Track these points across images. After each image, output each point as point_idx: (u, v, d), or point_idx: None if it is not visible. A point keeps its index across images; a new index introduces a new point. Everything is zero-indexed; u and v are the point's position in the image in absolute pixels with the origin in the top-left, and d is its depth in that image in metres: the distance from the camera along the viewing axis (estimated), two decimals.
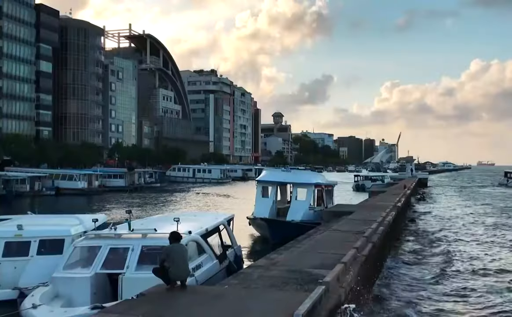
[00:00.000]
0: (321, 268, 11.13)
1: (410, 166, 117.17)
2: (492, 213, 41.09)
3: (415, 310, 12.84)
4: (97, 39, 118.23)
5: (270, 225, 24.00)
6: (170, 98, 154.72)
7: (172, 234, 9.40)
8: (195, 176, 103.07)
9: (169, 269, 8.79)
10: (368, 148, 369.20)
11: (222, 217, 15.31)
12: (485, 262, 19.74)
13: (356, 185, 77.41)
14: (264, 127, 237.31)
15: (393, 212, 24.90)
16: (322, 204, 27.48)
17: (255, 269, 11.38)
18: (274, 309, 7.64)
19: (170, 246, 9.14)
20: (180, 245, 9.34)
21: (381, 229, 18.05)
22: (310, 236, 17.77)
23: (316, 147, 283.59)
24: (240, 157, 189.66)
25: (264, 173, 30.47)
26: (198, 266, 11.55)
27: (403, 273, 17.26)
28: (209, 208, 45.35)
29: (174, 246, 9.13)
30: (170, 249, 9.07)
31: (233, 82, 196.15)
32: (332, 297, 8.55)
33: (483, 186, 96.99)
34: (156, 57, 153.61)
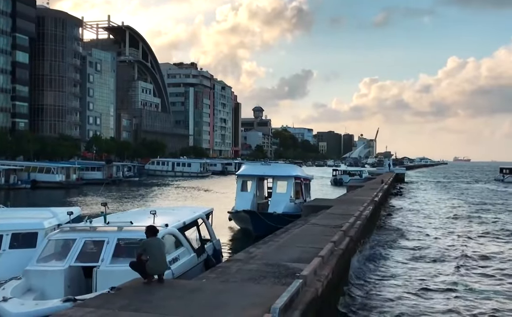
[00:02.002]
0: (299, 261, 11.14)
1: (388, 161, 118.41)
2: (465, 207, 41.81)
3: (387, 303, 12.98)
4: (75, 30, 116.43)
5: (253, 217, 24.10)
6: (149, 91, 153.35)
7: (148, 228, 9.30)
8: (174, 169, 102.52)
9: (146, 263, 8.70)
10: (347, 143, 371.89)
11: (201, 210, 15.21)
12: (454, 252, 20.14)
13: (334, 179, 77.95)
14: (244, 121, 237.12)
15: (370, 206, 25.13)
16: (301, 197, 28.05)
17: (234, 263, 11.34)
18: (251, 303, 7.61)
19: (147, 240, 9.04)
20: (157, 238, 9.26)
21: (359, 223, 18.19)
22: (288, 230, 17.83)
23: (296, 142, 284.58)
24: (220, 151, 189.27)
25: (244, 167, 30.61)
26: (175, 259, 11.45)
27: (377, 266, 17.43)
28: (188, 202, 45.11)
29: (151, 240, 9.04)
30: (147, 242, 8.97)
31: (213, 76, 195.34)
32: (309, 290, 8.55)
33: (468, 182, 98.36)
34: (135, 49, 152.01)
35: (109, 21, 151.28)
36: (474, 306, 13.00)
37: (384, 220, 31.82)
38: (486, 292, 14.49)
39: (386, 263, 18.06)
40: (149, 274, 8.76)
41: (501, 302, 13.43)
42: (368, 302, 12.97)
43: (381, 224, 29.54)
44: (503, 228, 28.93)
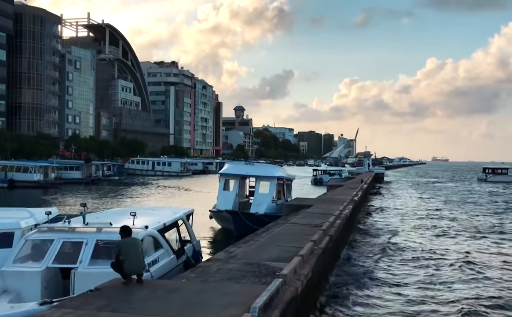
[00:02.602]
0: (279, 261, 11.19)
1: (367, 160, 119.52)
2: (445, 206, 42.45)
3: (367, 300, 13.11)
4: (54, 28, 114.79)
5: (235, 217, 24.05)
6: (129, 90, 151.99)
7: (122, 228, 9.26)
8: (155, 168, 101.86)
9: (123, 263, 8.66)
10: (327, 143, 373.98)
11: (181, 211, 15.10)
12: (432, 251, 20.41)
13: (314, 179, 78.36)
14: (226, 120, 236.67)
15: (350, 205, 25.32)
16: (282, 197, 28.10)
17: (214, 263, 11.33)
18: (231, 302, 7.62)
19: (121, 240, 8.99)
20: (133, 238, 9.18)
21: (338, 222, 18.33)
22: (269, 229, 17.86)
23: (277, 141, 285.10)
24: (201, 150, 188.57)
25: (226, 166, 30.47)
26: (154, 261, 11.35)
27: (359, 264, 17.58)
28: (169, 202, 44.87)
29: (126, 240, 8.98)
30: (121, 243, 8.93)
31: (194, 75, 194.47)
32: (289, 289, 8.60)
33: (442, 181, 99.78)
34: (116, 48, 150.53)
35: (89, 19, 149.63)
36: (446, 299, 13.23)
37: (364, 219, 32.13)
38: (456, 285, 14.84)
39: (366, 263, 18.23)
40: (126, 274, 8.71)
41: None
42: (348, 301, 13.07)
43: (361, 222, 29.82)
44: (476, 226, 29.60)
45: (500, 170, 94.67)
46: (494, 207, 43.24)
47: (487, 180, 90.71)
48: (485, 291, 14.48)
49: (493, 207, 42.72)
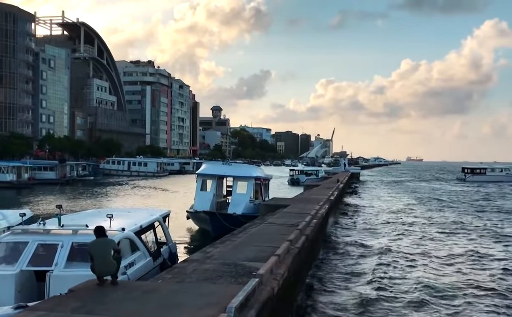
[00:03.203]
0: (255, 260, 11.24)
1: (344, 160, 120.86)
2: (418, 205, 43.18)
3: (342, 299, 13.29)
4: (27, 25, 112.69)
5: (212, 218, 23.98)
6: (104, 89, 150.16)
7: (96, 229, 9.24)
8: (130, 169, 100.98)
9: (92, 264, 8.64)
10: (304, 143, 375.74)
11: (158, 213, 15.04)
12: (408, 250, 20.80)
13: (291, 179, 78.71)
14: (203, 120, 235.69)
15: (326, 205, 25.55)
16: (260, 197, 28.18)
17: (190, 263, 11.32)
18: (207, 302, 7.64)
19: (93, 241, 8.95)
20: (104, 239, 9.13)
21: (315, 221, 18.48)
22: (246, 229, 17.90)
23: (254, 141, 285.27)
24: (177, 150, 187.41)
25: (204, 166, 30.35)
26: (131, 263, 11.30)
27: (334, 263, 17.80)
28: (145, 202, 44.54)
29: (97, 241, 8.94)
30: (92, 244, 8.89)
31: (170, 74, 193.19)
32: (265, 289, 8.66)
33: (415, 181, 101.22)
34: (91, 46, 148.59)
35: (63, 17, 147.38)
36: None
37: (340, 218, 32.46)
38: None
39: (342, 261, 18.45)
40: (96, 275, 8.65)
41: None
42: (324, 299, 13.23)
43: (337, 221, 30.14)
44: (444, 224, 30.36)
45: (479, 170, 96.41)
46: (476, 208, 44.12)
47: (466, 179, 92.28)
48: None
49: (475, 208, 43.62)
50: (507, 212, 38.63)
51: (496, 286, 15.15)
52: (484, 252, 21.22)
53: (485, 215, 36.81)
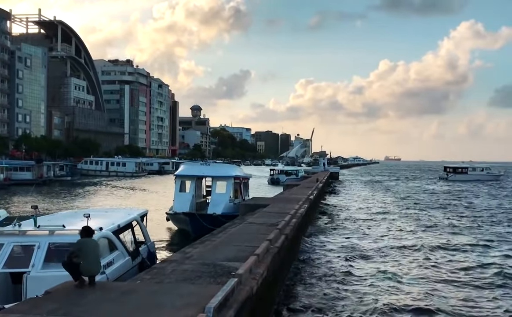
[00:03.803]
0: (235, 260, 11.25)
1: (323, 160, 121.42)
2: (394, 205, 43.70)
3: (322, 301, 13.39)
4: (2, 23, 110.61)
5: (192, 219, 23.89)
6: (82, 88, 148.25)
7: (84, 228, 9.15)
8: (109, 169, 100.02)
9: (80, 264, 8.54)
10: (284, 142, 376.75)
11: (135, 212, 14.96)
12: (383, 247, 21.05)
13: (271, 178, 78.89)
14: (182, 120, 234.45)
15: (305, 204, 25.69)
16: (240, 196, 28.16)
17: (169, 264, 11.28)
18: (186, 303, 7.62)
19: (82, 240, 8.86)
20: (93, 240, 9.12)
21: (294, 221, 18.57)
22: (225, 229, 17.90)
23: (234, 141, 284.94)
24: (157, 150, 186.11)
25: (182, 167, 30.20)
26: (110, 263, 11.23)
27: (314, 263, 17.90)
28: (123, 203, 44.16)
29: (87, 240, 8.88)
30: (82, 242, 8.80)
31: (149, 74, 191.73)
32: (244, 289, 8.67)
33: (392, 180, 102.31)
34: (68, 45, 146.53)
35: (39, 15, 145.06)
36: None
37: (319, 217, 32.66)
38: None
39: (321, 260, 18.56)
40: (82, 275, 8.59)
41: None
42: (303, 298, 13.30)
43: (316, 221, 30.31)
44: (420, 222, 30.82)
45: (461, 169, 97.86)
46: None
47: (448, 178, 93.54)
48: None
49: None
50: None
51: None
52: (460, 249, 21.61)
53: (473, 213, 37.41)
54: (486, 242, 23.81)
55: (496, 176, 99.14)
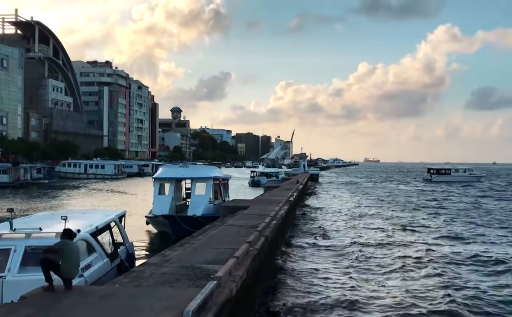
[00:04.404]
0: (214, 263, 11.22)
1: (303, 162, 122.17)
2: (373, 205, 44.13)
3: (302, 302, 13.44)
4: None
5: (172, 221, 23.74)
6: (60, 90, 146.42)
7: (65, 231, 9.07)
8: (87, 171, 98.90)
9: (60, 266, 8.45)
10: (265, 144, 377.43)
11: (113, 213, 14.85)
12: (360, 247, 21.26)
13: (252, 180, 78.93)
14: (162, 122, 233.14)
15: (285, 206, 25.75)
16: (220, 197, 28.10)
17: (148, 267, 11.19)
18: (164, 306, 7.57)
19: (64, 241, 8.77)
20: (74, 242, 9.04)
21: (274, 223, 18.60)
22: (205, 231, 17.83)
23: (215, 143, 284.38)
24: (136, 152, 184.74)
25: (161, 169, 30.04)
26: (88, 265, 11.12)
27: (293, 264, 17.97)
28: (102, 205, 43.68)
29: (68, 242, 8.79)
30: (63, 244, 8.70)
31: (129, 75, 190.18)
32: (224, 291, 8.66)
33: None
34: (46, 46, 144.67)
35: (16, 16, 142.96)
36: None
37: (299, 219, 32.79)
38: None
39: (301, 261, 18.64)
40: (62, 277, 8.50)
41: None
42: (284, 301, 13.34)
43: (296, 222, 30.43)
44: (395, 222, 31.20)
45: (444, 171, 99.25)
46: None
47: (432, 180, 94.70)
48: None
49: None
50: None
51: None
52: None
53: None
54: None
55: (478, 177, 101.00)
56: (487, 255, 20.50)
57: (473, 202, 49.15)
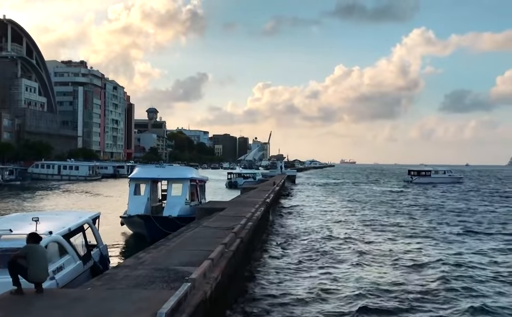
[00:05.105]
0: (189, 265, 11.17)
1: (280, 163, 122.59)
2: (350, 206, 44.52)
3: (278, 301, 13.46)
4: None
5: (147, 222, 23.46)
6: (34, 90, 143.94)
7: (31, 234, 8.88)
8: (61, 173, 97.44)
9: (27, 270, 8.29)
10: (242, 146, 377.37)
11: (87, 215, 14.65)
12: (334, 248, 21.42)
13: (229, 182, 78.87)
14: (138, 123, 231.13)
15: (262, 207, 25.80)
16: (196, 199, 27.94)
17: (121, 269, 11.08)
18: (138, 308, 7.51)
19: (29, 246, 8.61)
20: (40, 246, 8.86)
21: (250, 224, 18.61)
22: (180, 233, 17.74)
23: (192, 144, 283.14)
24: (111, 153, 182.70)
25: (137, 169, 29.68)
26: (60, 267, 10.94)
27: (269, 265, 17.99)
28: (75, 207, 43.04)
29: (34, 246, 8.62)
30: (29, 248, 8.54)
31: (104, 75, 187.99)
32: (198, 293, 8.62)
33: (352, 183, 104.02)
34: (19, 45, 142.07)
35: None
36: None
37: (275, 219, 32.85)
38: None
39: (277, 262, 18.67)
40: (29, 281, 8.35)
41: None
42: (259, 302, 13.33)
43: (272, 223, 30.47)
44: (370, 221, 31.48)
45: (424, 172, 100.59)
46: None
47: (413, 181, 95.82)
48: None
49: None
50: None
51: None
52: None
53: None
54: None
55: (457, 178, 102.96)
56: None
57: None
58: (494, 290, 15.27)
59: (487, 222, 33.81)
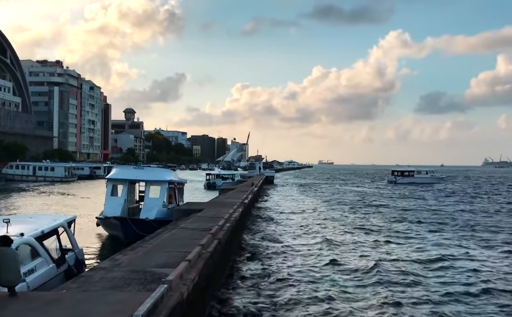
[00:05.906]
0: (166, 266, 11.11)
1: (259, 164, 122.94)
2: (326, 206, 44.85)
3: (256, 301, 13.49)
4: None
5: (124, 223, 23.23)
6: (8, 89, 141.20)
7: (0, 238, 8.70)
8: (36, 174, 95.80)
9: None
10: (221, 147, 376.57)
11: (62, 218, 14.42)
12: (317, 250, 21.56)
13: (207, 183, 78.66)
14: (115, 123, 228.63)
15: (240, 208, 25.80)
16: (174, 201, 27.76)
17: (97, 271, 10.96)
18: (113, 311, 7.45)
19: (0, 249, 8.43)
20: (11, 248, 8.68)
21: (228, 225, 18.59)
22: (157, 235, 17.62)
23: (170, 145, 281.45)
24: (88, 154, 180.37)
25: (114, 170, 29.37)
26: (31, 270, 10.78)
27: (247, 266, 18.01)
28: (51, 210, 42.38)
29: (4, 250, 8.45)
30: (0, 251, 8.37)
31: (80, 75, 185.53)
32: (174, 295, 8.58)
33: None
34: None
35: None
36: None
37: (253, 220, 32.89)
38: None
39: (255, 263, 18.69)
40: (1, 285, 8.23)
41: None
42: (236, 303, 13.34)
43: (249, 224, 30.51)
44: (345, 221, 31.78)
45: (408, 173, 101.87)
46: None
47: (397, 182, 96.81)
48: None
49: None
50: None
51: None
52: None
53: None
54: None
55: (439, 178, 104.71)
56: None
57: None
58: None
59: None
